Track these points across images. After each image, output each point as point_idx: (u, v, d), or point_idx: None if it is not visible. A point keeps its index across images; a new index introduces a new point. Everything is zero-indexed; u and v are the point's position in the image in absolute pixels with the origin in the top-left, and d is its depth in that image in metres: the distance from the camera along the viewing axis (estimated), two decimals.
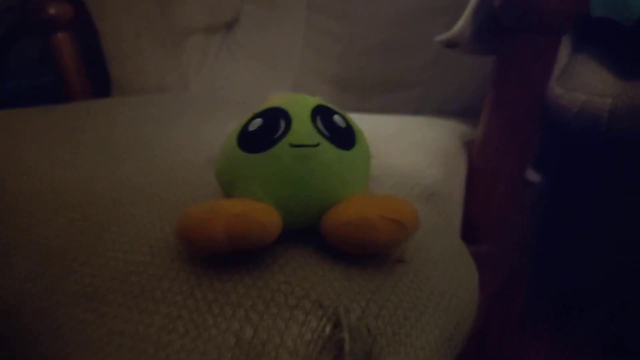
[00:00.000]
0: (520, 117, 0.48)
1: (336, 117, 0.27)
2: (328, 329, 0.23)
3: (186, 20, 0.99)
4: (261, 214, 0.25)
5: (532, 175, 0.72)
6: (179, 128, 0.60)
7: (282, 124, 0.26)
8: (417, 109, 0.86)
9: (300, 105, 0.27)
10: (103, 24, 0.88)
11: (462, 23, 0.50)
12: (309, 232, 0.27)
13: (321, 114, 0.27)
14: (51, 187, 0.37)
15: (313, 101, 0.28)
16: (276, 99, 0.28)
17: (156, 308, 0.25)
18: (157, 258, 0.27)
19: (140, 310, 0.25)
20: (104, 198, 0.34)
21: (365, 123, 0.47)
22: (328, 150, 0.26)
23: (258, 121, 0.26)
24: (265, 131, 0.26)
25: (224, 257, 0.26)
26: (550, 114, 0.50)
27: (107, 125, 0.59)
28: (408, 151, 0.45)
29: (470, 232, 0.49)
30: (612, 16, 0.52)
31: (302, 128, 0.26)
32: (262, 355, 0.23)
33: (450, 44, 0.52)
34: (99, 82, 0.89)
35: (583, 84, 0.47)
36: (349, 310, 0.24)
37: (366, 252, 0.27)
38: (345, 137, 0.27)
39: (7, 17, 1.05)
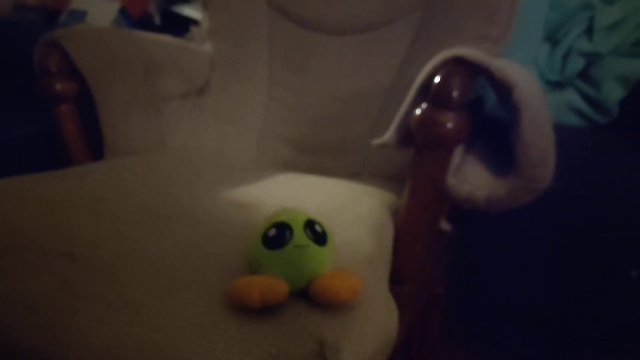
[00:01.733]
0: (429, 199, 0.71)
1: (317, 226, 0.49)
2: (317, 348, 0.44)
3: (166, 89, 1.16)
4: (278, 285, 0.45)
5: (445, 225, 0.96)
6: (177, 194, 0.76)
7: (288, 233, 0.47)
8: (358, 171, 1.07)
9: (298, 220, 0.48)
10: (99, 96, 1.04)
11: (390, 134, 0.72)
12: (302, 293, 0.48)
13: (309, 225, 0.48)
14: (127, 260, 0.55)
15: (305, 216, 0.49)
16: (282, 215, 0.49)
17: (219, 339, 0.45)
18: (214, 309, 0.47)
19: (210, 340, 0.45)
20: (163, 270, 0.53)
21: (318, 193, 0.68)
22: (313, 247, 0.47)
23: (273, 230, 0.47)
24: (278, 237, 0.47)
25: (256, 310, 0.46)
26: (449, 196, 0.73)
27: (116, 192, 0.71)
28: (353, 225, 0.66)
29: (397, 276, 0.71)
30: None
31: (300, 234, 0.47)
32: None
33: (383, 145, 0.75)
34: (95, 145, 1.05)
35: (469, 178, 0.70)
36: (327, 338, 0.45)
37: (334, 305, 0.48)
38: (321, 239, 0.48)
39: None
